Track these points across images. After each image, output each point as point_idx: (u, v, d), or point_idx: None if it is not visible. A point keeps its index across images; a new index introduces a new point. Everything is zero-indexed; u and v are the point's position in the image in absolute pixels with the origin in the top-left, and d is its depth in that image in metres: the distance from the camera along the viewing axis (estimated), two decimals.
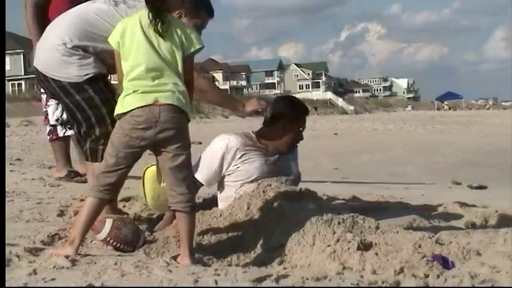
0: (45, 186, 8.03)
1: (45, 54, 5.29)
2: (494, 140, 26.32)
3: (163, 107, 4.33)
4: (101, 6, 5.09)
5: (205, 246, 4.91)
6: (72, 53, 5.10)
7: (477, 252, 4.56)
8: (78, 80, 5.11)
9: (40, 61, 5.31)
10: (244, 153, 5.50)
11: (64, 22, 5.29)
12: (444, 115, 69.31)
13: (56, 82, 5.16)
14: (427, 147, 21.34)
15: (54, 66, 5.16)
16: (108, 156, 4.47)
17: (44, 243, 4.92)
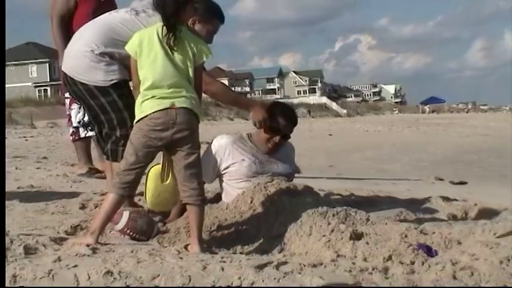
0: (68, 182, 8.03)
1: (73, 60, 5.27)
2: (473, 140, 26.31)
3: (179, 110, 4.38)
4: (124, 16, 5.09)
5: (213, 236, 4.91)
6: (99, 59, 5.09)
7: (458, 241, 4.56)
8: (104, 84, 5.12)
9: (68, 66, 5.30)
10: (234, 151, 5.54)
11: (91, 30, 5.28)
12: (428, 117, 69.26)
13: (83, 85, 5.15)
14: (412, 146, 21.35)
15: (82, 70, 5.16)
16: (129, 156, 4.49)
17: (68, 233, 4.93)
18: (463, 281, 3.65)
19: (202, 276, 3.62)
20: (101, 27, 5.18)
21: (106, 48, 5.05)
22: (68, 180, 8.20)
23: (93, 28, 5.28)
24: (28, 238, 4.29)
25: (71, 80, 5.23)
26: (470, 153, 18.76)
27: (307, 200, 5.25)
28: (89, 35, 5.22)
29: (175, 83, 4.40)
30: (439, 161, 16.40)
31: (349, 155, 17.33)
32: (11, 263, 3.74)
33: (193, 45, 4.49)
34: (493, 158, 17.25)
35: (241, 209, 5.18)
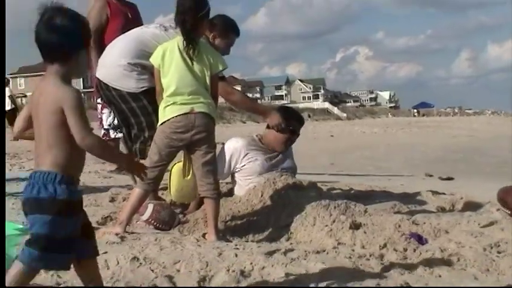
0: (99, 178, 8.05)
1: (108, 69, 5.27)
2: (459, 141, 26.21)
3: (197, 115, 4.44)
4: (155, 31, 5.09)
5: (227, 226, 4.91)
6: (131, 68, 5.10)
7: (446, 231, 4.55)
8: (136, 90, 5.12)
9: (103, 73, 5.30)
10: (248, 153, 5.56)
11: (124, 43, 5.30)
12: (419, 120, 68.96)
13: (116, 91, 5.17)
14: (405, 146, 21.29)
15: (115, 78, 5.16)
16: (153, 155, 4.54)
17: (99, 223, 4.94)
18: (451, 266, 3.64)
19: (218, 262, 3.62)
20: (133, 41, 5.18)
21: (137, 59, 5.05)
22: (99, 177, 8.22)
23: (126, 41, 5.30)
24: None
25: (105, 86, 5.24)
26: (456, 152, 18.69)
27: (311, 194, 5.25)
28: (123, 47, 5.23)
29: (194, 90, 4.44)
30: (429, 159, 16.34)
31: (348, 154, 17.28)
32: None
33: (210, 57, 4.54)
34: (477, 156, 17.18)
35: (253, 202, 5.18)
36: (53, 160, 2.68)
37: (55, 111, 2.67)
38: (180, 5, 4.47)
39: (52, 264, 2.77)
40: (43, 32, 2.71)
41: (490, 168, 13.15)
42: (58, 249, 2.69)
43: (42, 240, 2.66)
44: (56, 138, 2.69)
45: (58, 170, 2.68)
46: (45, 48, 2.73)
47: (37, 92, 2.78)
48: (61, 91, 2.69)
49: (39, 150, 2.73)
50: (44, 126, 2.70)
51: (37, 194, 2.65)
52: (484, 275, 3.50)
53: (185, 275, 3.51)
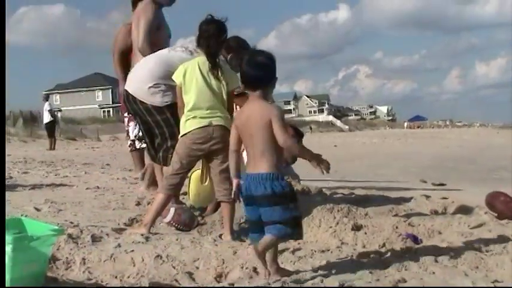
0: (126, 184, 8.07)
1: (136, 84, 5.29)
2: (450, 150, 26.11)
3: (215, 127, 4.48)
4: (182, 55, 5.06)
5: (242, 227, 4.90)
6: (157, 85, 5.12)
7: (439, 232, 4.55)
8: (160, 104, 5.13)
9: (132, 87, 5.31)
10: None
11: (153, 63, 5.27)
12: (414, 132, 68.84)
13: (142, 104, 5.19)
14: (402, 155, 21.23)
15: (143, 93, 5.18)
16: (174, 163, 4.58)
17: (126, 224, 4.95)
18: (443, 263, 3.62)
19: (233, 259, 3.62)
20: (162, 63, 5.18)
21: (164, 80, 5.07)
22: (126, 182, 8.24)
23: (155, 61, 5.28)
24: (94, 229, 4.32)
25: (133, 99, 5.26)
26: (448, 161, 18.61)
27: (316, 198, 5.25)
28: (152, 68, 5.23)
29: (212, 105, 4.47)
30: (423, 166, 16.27)
31: (350, 162, 17.22)
32: (81, 248, 3.76)
33: (227, 75, 4.59)
34: (466, 164, 17.09)
35: None
36: (268, 163, 3.25)
37: (265, 124, 3.25)
38: (205, 31, 4.52)
39: (298, 237, 3.41)
40: (248, 69, 3.38)
41: (479, 175, 13.09)
42: (300, 225, 3.34)
43: (293, 220, 3.26)
44: (267, 146, 3.26)
45: (274, 170, 3.24)
46: (250, 80, 3.39)
47: (244, 114, 3.40)
48: (268, 108, 3.30)
49: (253, 156, 3.31)
50: (256, 138, 3.28)
51: (271, 190, 3.20)
52: (474, 272, 3.48)
53: (203, 271, 3.52)
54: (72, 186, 7.80)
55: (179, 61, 5.03)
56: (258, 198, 3.25)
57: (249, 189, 3.29)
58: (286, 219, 3.23)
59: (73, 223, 4.80)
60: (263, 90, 3.38)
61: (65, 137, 34.41)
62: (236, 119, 3.50)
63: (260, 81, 3.38)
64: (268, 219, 3.24)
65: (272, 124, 3.24)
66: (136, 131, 8.25)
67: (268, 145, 3.26)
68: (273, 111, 3.28)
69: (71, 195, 6.79)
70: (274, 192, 3.21)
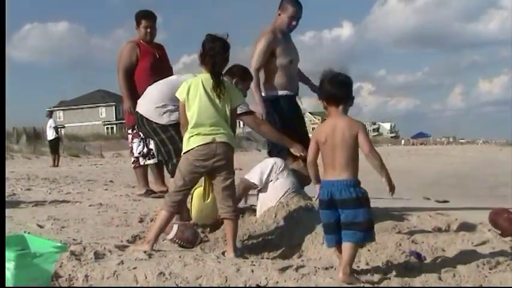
0: (129, 201, 8.05)
1: (145, 105, 5.60)
2: (453, 167, 26.08)
3: (218, 144, 4.47)
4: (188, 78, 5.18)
5: (245, 244, 4.90)
6: (165, 106, 5.43)
7: (442, 249, 4.52)
8: (165, 123, 5.42)
9: (141, 108, 5.63)
10: (285, 169, 5.68)
11: (162, 86, 5.62)
12: (417, 149, 68.85)
13: (149, 125, 5.51)
14: (405, 171, 21.13)
15: (150, 112, 5.51)
16: (177, 180, 4.57)
17: (129, 241, 4.94)
18: (447, 281, 3.61)
19: (236, 277, 3.61)
20: (171, 85, 5.41)
21: (171, 100, 5.26)
22: (129, 199, 8.23)
23: (163, 85, 5.62)
24: (97, 245, 4.31)
25: (141, 120, 5.58)
26: (451, 177, 18.59)
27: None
28: (161, 89, 5.56)
29: (215, 122, 4.47)
30: (426, 183, 16.24)
31: None
32: (84, 265, 3.75)
33: (231, 92, 4.61)
34: (470, 181, 17.08)
35: (267, 223, 5.17)
36: (350, 170, 3.64)
37: (352, 136, 3.62)
38: (210, 49, 4.50)
39: (372, 239, 3.75)
40: (332, 87, 3.74)
41: (482, 192, 13.08)
42: (373, 227, 3.72)
43: (370, 223, 3.66)
44: (351, 155, 3.63)
45: (355, 177, 3.66)
46: (334, 97, 3.74)
47: (329, 127, 3.71)
48: (354, 122, 3.69)
49: (335, 165, 3.64)
50: (341, 149, 3.63)
51: (356, 194, 3.61)
52: None
53: None
54: (75, 203, 7.79)
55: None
56: (342, 201, 3.60)
57: (331, 193, 3.63)
58: (367, 220, 3.62)
59: (76, 240, 4.80)
60: (344, 106, 3.74)
61: (68, 153, 34.44)
62: (318, 132, 3.77)
63: (342, 98, 3.75)
64: (351, 220, 3.58)
65: (358, 136, 3.62)
66: (140, 148, 8.28)
67: (352, 155, 3.64)
68: (360, 125, 3.69)
69: (74, 212, 6.79)
70: (358, 196, 3.61)
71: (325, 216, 3.74)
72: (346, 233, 3.61)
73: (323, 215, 3.76)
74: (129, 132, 8.48)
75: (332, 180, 3.65)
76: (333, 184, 3.63)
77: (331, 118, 3.77)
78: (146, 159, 8.33)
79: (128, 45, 8.20)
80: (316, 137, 3.76)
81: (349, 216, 3.59)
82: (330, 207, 3.67)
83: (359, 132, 3.64)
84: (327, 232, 3.79)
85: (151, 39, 8.26)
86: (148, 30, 8.17)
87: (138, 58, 8.08)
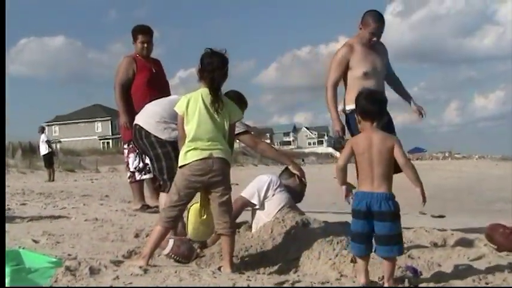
0: (125, 216, 8.04)
1: (146, 118, 5.61)
2: (449, 182, 26.12)
3: (215, 160, 4.47)
4: None
5: (241, 260, 4.88)
6: (166, 122, 5.45)
7: (438, 264, 4.52)
8: (165, 139, 5.44)
9: (141, 120, 5.62)
10: (279, 187, 5.62)
11: (162, 104, 5.67)
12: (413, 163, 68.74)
13: (147, 138, 5.50)
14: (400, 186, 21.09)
15: (150, 126, 5.52)
16: (173, 195, 4.55)
17: (124, 257, 4.93)
18: None
19: None
20: (168, 105, 5.47)
21: (172, 119, 5.22)
22: (125, 214, 8.21)
23: (163, 103, 5.69)
24: (93, 261, 4.29)
25: (139, 134, 5.57)
26: (447, 192, 18.60)
27: (316, 230, 5.22)
28: (164, 105, 5.59)
29: (213, 137, 4.48)
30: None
31: None
32: (79, 281, 3.74)
33: (230, 108, 4.62)
34: (465, 195, 17.10)
35: (263, 238, 5.16)
36: (387, 184, 3.82)
37: (389, 150, 3.82)
38: (209, 64, 4.50)
39: (403, 251, 3.92)
40: (369, 104, 3.94)
41: (478, 206, 13.09)
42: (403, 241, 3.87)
43: (400, 236, 3.81)
44: (388, 169, 3.83)
45: (390, 190, 3.83)
46: (369, 113, 3.92)
47: (366, 142, 3.87)
48: (390, 137, 3.92)
49: (373, 178, 3.81)
50: (379, 162, 3.81)
51: (394, 208, 3.79)
52: None
53: None
54: (71, 218, 7.78)
55: None
56: (380, 213, 3.74)
57: (369, 205, 3.76)
58: (400, 233, 3.79)
59: (71, 255, 4.79)
60: (378, 122, 3.91)
61: (63, 168, 34.34)
62: (355, 142, 3.95)
63: (377, 114, 3.93)
64: (387, 233, 3.73)
65: (394, 149, 3.82)
66: (136, 163, 8.28)
67: (388, 169, 3.84)
68: (395, 139, 3.91)
69: (69, 227, 6.77)
70: (395, 210, 3.79)
71: (359, 226, 3.82)
72: (383, 249, 3.76)
73: (356, 225, 3.85)
74: (125, 147, 8.48)
75: (371, 192, 3.79)
76: (372, 196, 3.78)
77: (366, 132, 3.93)
78: (142, 174, 8.32)
79: (125, 60, 8.22)
80: (353, 145, 3.94)
81: (386, 229, 3.73)
82: (364, 218, 3.79)
83: (395, 146, 3.84)
84: (356, 241, 3.87)
85: (148, 54, 8.28)
86: (145, 45, 8.19)
87: (135, 73, 8.10)
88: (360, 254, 3.88)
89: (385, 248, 3.74)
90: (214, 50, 4.55)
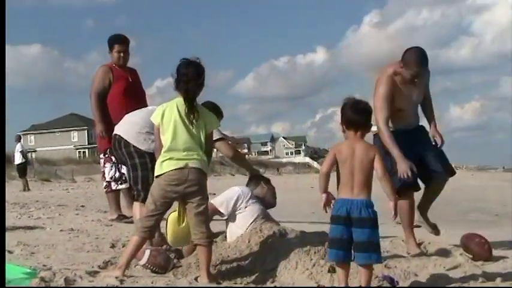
0: (101, 226, 7.99)
1: (127, 127, 5.58)
2: None
3: (191, 170, 4.45)
4: None
5: (218, 270, 4.87)
6: (148, 133, 5.36)
7: (415, 273, 4.55)
8: (145, 149, 5.40)
9: (121, 130, 5.58)
10: (251, 198, 5.60)
11: (142, 114, 5.60)
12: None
13: (126, 148, 5.47)
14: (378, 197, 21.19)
15: (130, 135, 5.48)
16: (149, 205, 4.55)
17: (100, 267, 4.89)
18: None
19: None
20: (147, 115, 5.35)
21: (150, 129, 5.21)
22: (101, 224, 8.16)
23: (142, 113, 5.64)
24: (68, 271, 4.26)
25: (119, 144, 5.52)
26: None
27: (293, 240, 5.22)
28: (144, 116, 5.50)
29: (189, 147, 4.47)
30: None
31: None
32: None
33: (206, 117, 4.61)
34: (441, 206, 17.09)
35: (241, 248, 5.15)
36: (367, 192, 3.88)
37: (370, 159, 3.88)
38: (184, 75, 4.49)
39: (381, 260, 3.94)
40: (353, 114, 3.96)
41: (454, 217, 13.17)
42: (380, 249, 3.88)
43: (378, 244, 3.83)
44: (368, 178, 3.89)
45: (369, 198, 3.88)
46: (354, 122, 3.96)
47: (349, 150, 3.91)
48: (371, 147, 3.98)
49: (353, 185, 3.86)
50: (360, 170, 3.86)
51: (373, 215, 3.83)
52: None
53: None
54: (46, 228, 7.71)
55: None
56: (360, 220, 3.79)
57: (349, 211, 3.81)
58: (378, 241, 3.83)
59: (46, 266, 4.74)
60: (362, 131, 3.98)
61: (39, 178, 34.10)
62: (338, 149, 3.97)
63: (361, 124, 3.97)
64: (366, 240, 3.77)
65: (375, 160, 3.88)
66: (112, 172, 8.24)
67: (369, 177, 3.90)
68: (377, 150, 3.99)
69: (44, 237, 6.72)
70: (375, 217, 3.84)
71: (338, 232, 3.85)
72: (361, 256, 3.80)
73: (335, 230, 3.88)
74: (101, 156, 8.44)
75: (351, 199, 3.85)
76: (352, 202, 3.83)
77: (349, 141, 3.99)
78: (118, 183, 8.28)
79: (101, 69, 8.19)
80: (336, 152, 3.97)
81: (365, 235, 3.77)
82: (344, 224, 3.82)
83: (376, 156, 3.90)
84: (334, 247, 3.89)
85: (125, 64, 8.26)
86: (121, 54, 8.17)
87: (112, 82, 8.07)
88: (337, 259, 3.90)
89: (364, 255, 3.77)
90: (190, 60, 4.55)
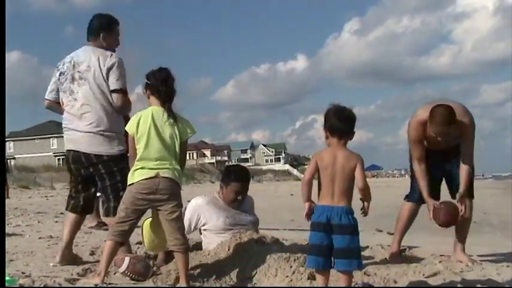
0: (80, 233, 7.94)
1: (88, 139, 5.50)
2: None
3: (162, 179, 4.48)
4: None
5: (198, 277, 4.86)
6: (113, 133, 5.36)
7: (394, 280, 4.57)
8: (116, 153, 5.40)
9: (83, 145, 5.57)
10: (210, 210, 5.56)
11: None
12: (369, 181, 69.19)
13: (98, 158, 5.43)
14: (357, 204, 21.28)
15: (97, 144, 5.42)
16: (120, 211, 4.61)
17: (80, 275, 4.87)
18: None
19: None
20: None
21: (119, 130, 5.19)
22: (80, 232, 8.10)
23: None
24: (47, 279, 4.24)
25: (86, 158, 5.56)
26: None
27: (273, 247, 5.23)
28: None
29: (162, 156, 4.50)
30: (378, 215, 16.31)
31: None
32: None
33: (180, 124, 4.60)
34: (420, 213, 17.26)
35: (220, 255, 5.15)
36: (347, 199, 3.88)
37: (351, 167, 3.87)
38: (154, 84, 4.57)
39: (362, 266, 3.97)
40: (337, 121, 3.95)
41: (433, 224, 13.22)
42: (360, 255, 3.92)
43: (359, 251, 3.85)
44: (349, 185, 3.88)
45: (350, 205, 3.88)
46: (338, 130, 3.94)
47: (331, 157, 3.90)
48: (353, 155, 3.92)
49: (333, 192, 3.86)
50: (341, 178, 3.85)
51: (354, 222, 3.83)
52: None
53: None
54: (25, 235, 7.67)
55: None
56: (340, 227, 3.78)
57: (330, 218, 3.81)
58: (359, 247, 3.83)
59: (25, 273, 4.71)
60: (346, 139, 3.97)
61: (18, 185, 33.86)
62: (320, 157, 3.95)
63: (345, 132, 3.97)
64: (346, 246, 3.76)
65: (356, 168, 3.87)
66: None
67: (349, 185, 3.89)
68: (359, 158, 3.92)
69: (23, 244, 6.68)
70: (355, 224, 3.83)
71: (318, 238, 3.85)
72: (342, 262, 3.79)
73: (315, 237, 3.87)
74: None
75: (331, 206, 3.84)
76: (332, 209, 3.82)
77: (331, 148, 3.97)
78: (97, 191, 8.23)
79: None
80: (318, 159, 3.95)
81: (345, 242, 3.76)
82: (324, 230, 3.81)
83: (357, 165, 3.88)
84: (314, 253, 3.89)
85: None
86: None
87: None
88: (316, 266, 3.89)
89: (344, 261, 3.77)
90: (160, 68, 4.61)
